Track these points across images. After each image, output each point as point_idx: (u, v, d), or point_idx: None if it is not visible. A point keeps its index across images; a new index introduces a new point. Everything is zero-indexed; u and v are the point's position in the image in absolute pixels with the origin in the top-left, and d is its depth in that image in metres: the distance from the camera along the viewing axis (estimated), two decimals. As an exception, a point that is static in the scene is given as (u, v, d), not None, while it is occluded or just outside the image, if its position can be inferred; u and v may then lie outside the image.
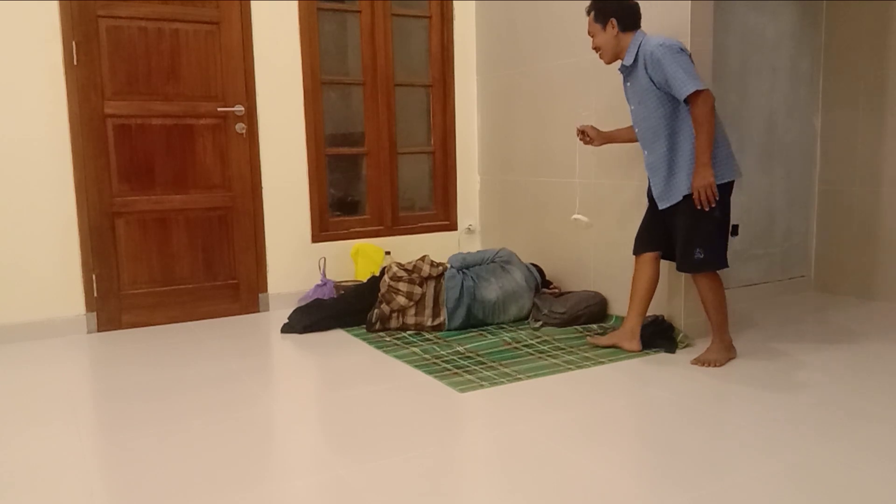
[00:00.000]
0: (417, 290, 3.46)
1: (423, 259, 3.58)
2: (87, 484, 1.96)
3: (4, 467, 2.08)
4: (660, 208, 2.92)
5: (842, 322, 3.58)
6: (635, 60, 2.85)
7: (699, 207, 2.74)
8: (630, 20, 2.88)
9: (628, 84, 2.96)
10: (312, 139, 4.04)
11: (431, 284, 3.50)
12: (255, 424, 2.38)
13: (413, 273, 3.50)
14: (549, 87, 3.90)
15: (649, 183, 3.00)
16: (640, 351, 3.02)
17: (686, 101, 2.72)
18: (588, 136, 3.23)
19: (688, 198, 2.80)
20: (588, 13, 2.96)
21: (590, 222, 3.61)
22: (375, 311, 3.49)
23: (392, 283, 3.48)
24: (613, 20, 2.86)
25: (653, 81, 2.80)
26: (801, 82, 4.15)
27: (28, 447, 2.22)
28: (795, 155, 4.19)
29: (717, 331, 2.91)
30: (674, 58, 2.72)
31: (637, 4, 2.92)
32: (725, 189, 2.82)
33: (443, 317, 3.46)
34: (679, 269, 2.94)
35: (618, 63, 2.99)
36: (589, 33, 2.97)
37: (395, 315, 3.47)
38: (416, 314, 3.46)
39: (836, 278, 4.22)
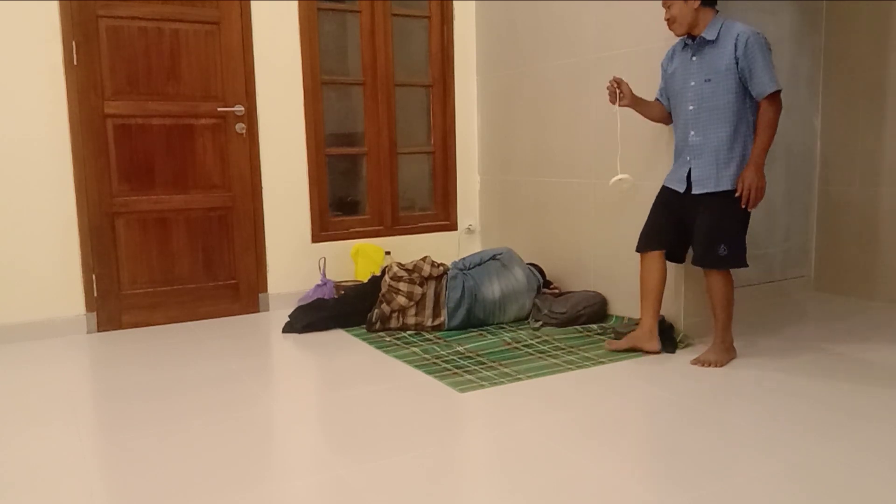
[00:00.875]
0: (418, 290, 3.46)
1: (423, 259, 3.58)
2: (87, 484, 1.96)
3: (4, 467, 2.08)
4: (693, 191, 2.86)
5: (841, 322, 3.58)
6: (717, 38, 2.79)
7: (743, 206, 2.75)
8: None
9: (694, 59, 2.86)
10: (312, 139, 4.04)
11: (432, 284, 3.50)
12: (255, 424, 2.38)
13: (413, 273, 3.51)
14: (549, 87, 3.90)
15: (671, 176, 2.97)
16: (661, 351, 3.01)
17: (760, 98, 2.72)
18: (622, 90, 3.01)
19: (722, 194, 2.79)
20: None
21: (631, 179, 3.32)
22: (375, 310, 3.49)
23: (392, 282, 3.48)
24: None
25: (738, 66, 2.75)
26: (801, 82, 4.15)
27: (28, 447, 2.22)
28: (795, 155, 4.19)
29: (721, 330, 2.91)
30: (766, 53, 2.71)
31: None
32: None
33: (443, 317, 3.46)
34: (699, 263, 2.91)
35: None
36: (664, 4, 2.88)
37: (395, 315, 3.47)
38: (416, 314, 3.46)
39: (836, 278, 4.22)
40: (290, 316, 3.56)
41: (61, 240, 3.50)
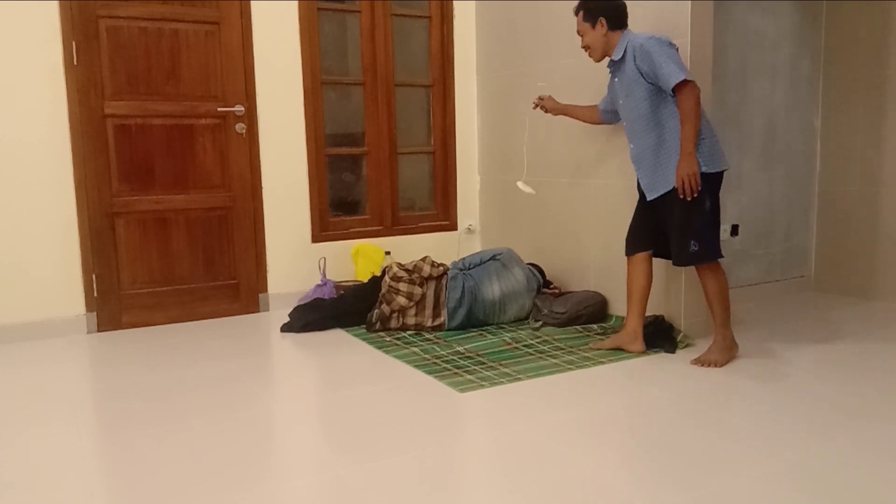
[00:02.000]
0: (418, 290, 3.46)
1: (423, 259, 3.58)
2: (87, 484, 1.96)
3: (4, 467, 2.08)
4: (648, 199, 2.94)
5: (841, 322, 3.58)
6: (624, 55, 2.91)
7: (682, 196, 2.76)
8: (618, 19, 2.95)
9: (616, 80, 3.02)
10: (312, 139, 4.04)
11: (432, 285, 3.50)
12: (255, 424, 2.37)
13: (413, 273, 3.51)
14: (550, 87, 3.89)
15: (638, 179, 3.03)
16: (644, 352, 3.02)
17: (673, 92, 2.76)
18: (545, 106, 3.42)
19: (676, 189, 2.82)
20: (576, 13, 3.02)
21: (534, 192, 3.60)
22: (375, 311, 3.49)
23: (392, 283, 3.48)
24: (602, 19, 2.93)
25: (641, 73, 2.84)
26: (801, 82, 4.15)
27: (28, 447, 2.21)
28: (795, 155, 4.19)
29: (720, 327, 2.91)
30: (662, 49, 2.78)
31: (625, 4, 2.98)
32: (714, 179, 2.83)
33: (443, 317, 3.46)
34: (675, 263, 2.95)
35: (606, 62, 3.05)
36: (578, 32, 3.03)
37: (395, 315, 3.47)
38: (416, 314, 3.46)
39: (836, 278, 4.22)
40: (289, 315, 3.56)
41: (61, 240, 3.50)
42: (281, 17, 3.89)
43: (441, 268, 3.57)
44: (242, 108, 3.83)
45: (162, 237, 3.74)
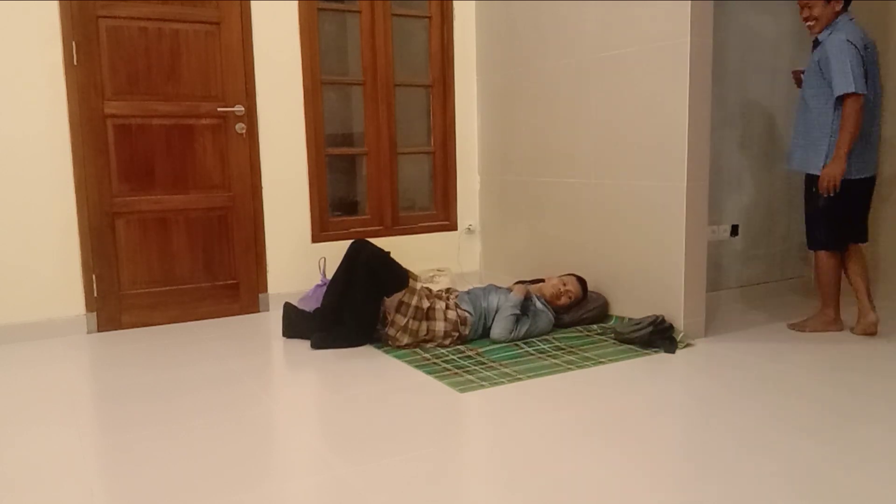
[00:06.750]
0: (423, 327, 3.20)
1: (443, 295, 3.35)
2: (87, 484, 1.96)
3: (5, 467, 2.08)
4: (790, 167, 3.31)
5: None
6: (822, 43, 3.09)
7: (821, 193, 3.10)
8: None
9: (812, 53, 3.21)
10: (312, 139, 4.04)
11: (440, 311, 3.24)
12: (255, 425, 2.38)
13: (419, 312, 3.20)
14: (549, 87, 3.90)
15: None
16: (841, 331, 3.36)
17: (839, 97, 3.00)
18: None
19: (811, 179, 3.20)
20: None
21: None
22: (383, 331, 3.24)
23: (399, 318, 3.17)
24: None
25: (820, 69, 3.08)
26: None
27: (28, 447, 2.22)
28: (795, 155, 4.19)
29: (822, 305, 3.34)
30: (838, 58, 2.97)
31: None
32: (849, 183, 3.13)
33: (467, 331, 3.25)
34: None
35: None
36: (807, 5, 3.13)
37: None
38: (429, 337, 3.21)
39: (836, 278, 4.21)
40: (286, 317, 3.46)
41: (61, 240, 3.50)
42: (281, 17, 3.89)
43: (447, 293, 3.39)
44: (242, 108, 3.83)
45: (162, 237, 3.74)
